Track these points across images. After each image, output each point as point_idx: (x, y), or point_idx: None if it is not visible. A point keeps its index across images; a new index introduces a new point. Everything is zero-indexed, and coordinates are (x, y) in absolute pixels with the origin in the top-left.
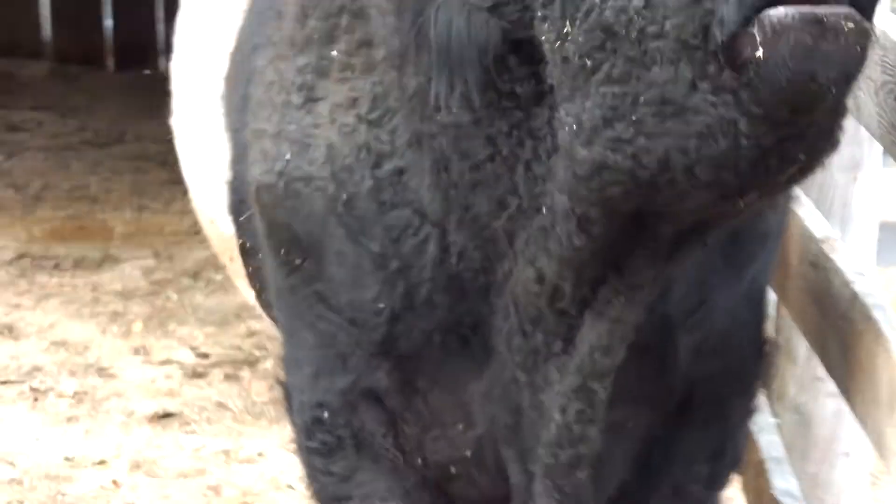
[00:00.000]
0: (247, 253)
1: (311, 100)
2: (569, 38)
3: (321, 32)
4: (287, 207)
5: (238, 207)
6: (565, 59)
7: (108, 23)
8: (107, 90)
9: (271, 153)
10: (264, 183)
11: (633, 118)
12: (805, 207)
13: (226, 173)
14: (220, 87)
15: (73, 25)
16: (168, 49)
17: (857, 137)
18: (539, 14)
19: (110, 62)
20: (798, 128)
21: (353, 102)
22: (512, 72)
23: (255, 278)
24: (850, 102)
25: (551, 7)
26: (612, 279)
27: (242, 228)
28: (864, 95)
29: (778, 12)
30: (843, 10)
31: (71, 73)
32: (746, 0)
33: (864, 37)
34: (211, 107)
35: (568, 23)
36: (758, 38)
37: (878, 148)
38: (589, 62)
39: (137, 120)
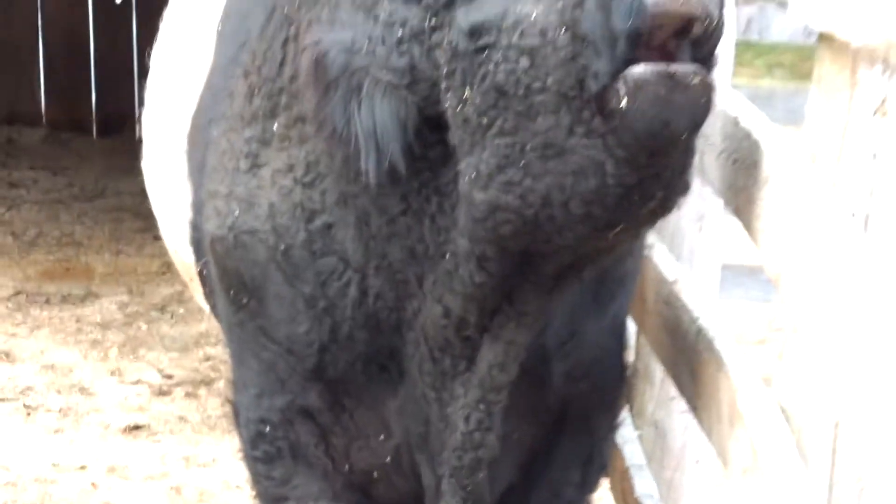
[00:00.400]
0: (203, 278)
1: (255, 166)
2: (468, 102)
3: (265, 110)
4: (235, 256)
5: (197, 243)
6: (466, 120)
7: (94, 97)
8: (91, 153)
9: (223, 210)
10: (217, 235)
11: (522, 163)
12: (659, 253)
13: (188, 213)
14: (183, 143)
15: (64, 98)
16: (141, 118)
17: (702, 193)
18: (443, 86)
19: (95, 129)
20: (656, 168)
21: (290, 168)
22: (423, 139)
23: (210, 297)
24: (696, 164)
25: (453, 78)
26: (506, 308)
27: (199, 256)
28: (708, 159)
29: (639, 69)
30: (692, 67)
31: (62, 138)
32: (615, 58)
33: (708, 89)
34: (175, 158)
35: (467, 88)
36: (621, 92)
37: (719, 202)
38: (485, 119)
39: (116, 178)
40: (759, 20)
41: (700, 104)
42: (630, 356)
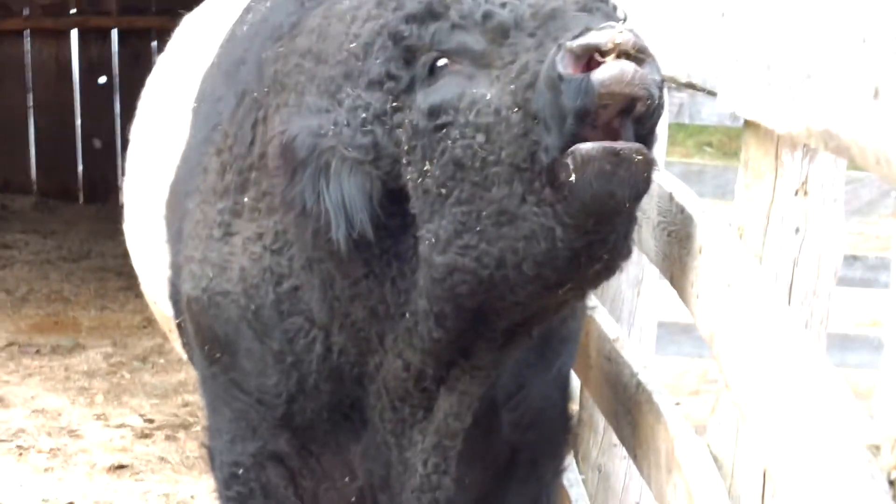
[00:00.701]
0: (181, 329)
1: (228, 234)
2: (428, 175)
3: (236, 184)
4: (210, 315)
5: (175, 298)
6: (426, 191)
7: (80, 168)
8: (78, 218)
9: (198, 274)
10: (193, 296)
11: (478, 229)
12: (601, 314)
13: (166, 271)
14: (162, 209)
15: (53, 169)
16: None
17: (640, 261)
18: (405, 161)
19: (81, 197)
20: (602, 234)
21: (260, 236)
22: (386, 210)
23: (187, 346)
24: (635, 235)
25: (414, 153)
26: (462, 362)
27: (178, 312)
28: (645, 231)
29: (587, 146)
30: (635, 145)
31: (51, 205)
32: (564, 134)
33: (649, 165)
34: (154, 222)
35: (427, 163)
36: (570, 166)
37: (655, 269)
38: (444, 190)
39: (101, 241)
40: (689, 105)
41: (642, 178)
42: (575, 407)
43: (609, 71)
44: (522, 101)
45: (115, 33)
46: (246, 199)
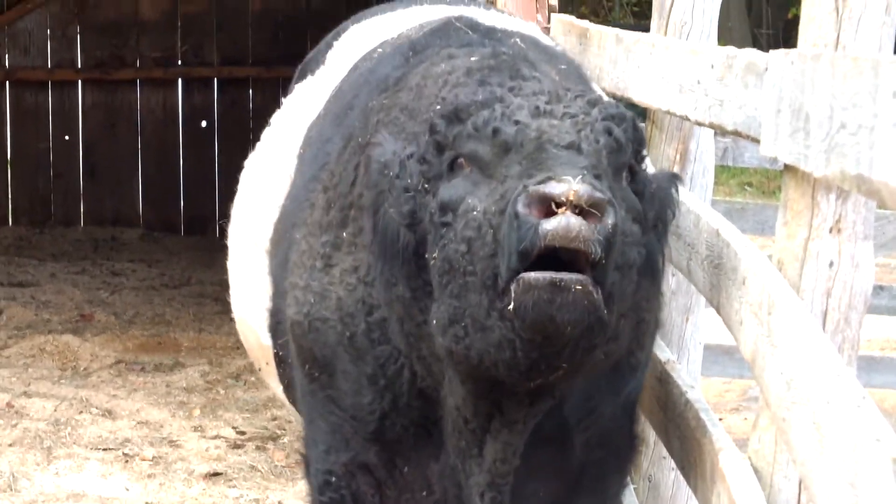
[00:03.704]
0: (280, 360)
1: (328, 265)
2: (435, 261)
3: (337, 220)
4: (310, 338)
5: (275, 328)
6: (434, 274)
7: (182, 203)
8: (179, 249)
9: (301, 300)
10: (295, 321)
11: (463, 324)
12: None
13: (268, 303)
14: (264, 244)
15: (157, 204)
16: (221, 219)
17: (689, 291)
18: (429, 241)
19: (182, 229)
20: (555, 348)
21: (355, 269)
22: (420, 265)
23: (284, 377)
24: (685, 268)
25: (431, 236)
26: (498, 416)
27: (278, 343)
28: (694, 264)
29: (530, 275)
30: (577, 277)
31: (155, 236)
32: (510, 267)
33: (589, 295)
34: (257, 257)
35: (437, 250)
36: (513, 291)
37: (702, 298)
38: (443, 280)
39: (200, 270)
40: (733, 149)
41: (582, 306)
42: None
43: (555, 224)
44: (495, 226)
45: (215, 82)
46: (345, 234)
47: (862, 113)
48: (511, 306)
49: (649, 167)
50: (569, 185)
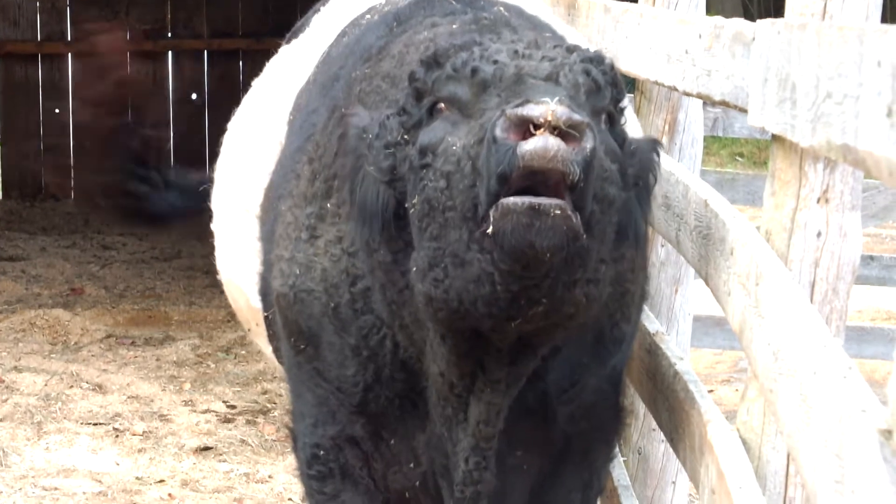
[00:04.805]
0: (268, 322)
1: (313, 237)
2: (415, 207)
3: (322, 191)
4: (295, 310)
5: (265, 292)
6: (413, 222)
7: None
8: None
9: (286, 272)
10: (281, 293)
11: (442, 265)
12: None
13: (259, 267)
14: (255, 210)
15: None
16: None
17: (678, 262)
18: (408, 191)
19: None
20: (534, 280)
21: (339, 240)
22: (399, 226)
23: (273, 339)
24: (674, 239)
25: (409, 186)
26: (480, 375)
27: (267, 306)
28: (683, 234)
29: (509, 200)
30: (555, 201)
31: None
32: (490, 192)
33: (568, 220)
34: (247, 222)
35: (415, 196)
36: (492, 217)
37: (692, 270)
38: (422, 224)
39: (189, 242)
40: (723, 119)
41: (561, 231)
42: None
43: (533, 145)
44: (474, 156)
45: (205, 54)
46: (329, 205)
47: (847, 82)
48: (490, 230)
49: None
50: (547, 106)
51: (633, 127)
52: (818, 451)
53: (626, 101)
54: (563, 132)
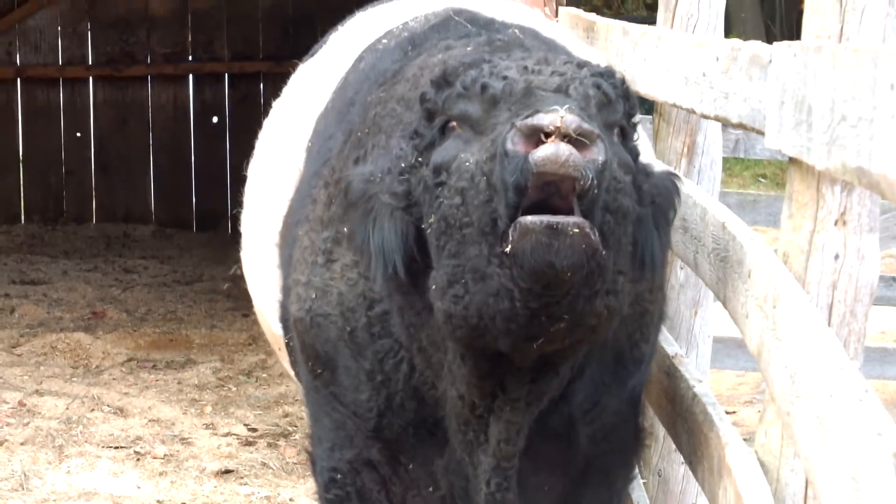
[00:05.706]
0: (289, 348)
1: (329, 261)
2: (431, 226)
3: (338, 215)
4: (312, 334)
5: (284, 318)
6: (431, 242)
7: (194, 199)
8: (191, 245)
9: (303, 296)
10: (297, 317)
11: (462, 281)
12: (661, 333)
13: (278, 295)
14: (274, 237)
15: (169, 200)
16: (233, 216)
17: (697, 284)
18: (424, 211)
19: (194, 226)
20: (554, 297)
21: (356, 263)
22: (423, 250)
23: (294, 364)
24: (691, 262)
25: (425, 206)
26: (501, 395)
27: (287, 331)
28: (700, 257)
29: (527, 219)
30: (573, 220)
31: (167, 233)
32: (508, 205)
33: (586, 238)
34: (268, 250)
35: (431, 215)
36: (511, 235)
37: (710, 293)
38: (440, 242)
39: (211, 266)
40: (744, 141)
41: (579, 250)
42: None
43: (544, 151)
44: (487, 171)
45: (226, 77)
46: (345, 229)
47: (861, 105)
48: (509, 249)
49: (655, 161)
50: (556, 114)
51: (645, 149)
52: (835, 474)
53: (639, 118)
54: (574, 139)
